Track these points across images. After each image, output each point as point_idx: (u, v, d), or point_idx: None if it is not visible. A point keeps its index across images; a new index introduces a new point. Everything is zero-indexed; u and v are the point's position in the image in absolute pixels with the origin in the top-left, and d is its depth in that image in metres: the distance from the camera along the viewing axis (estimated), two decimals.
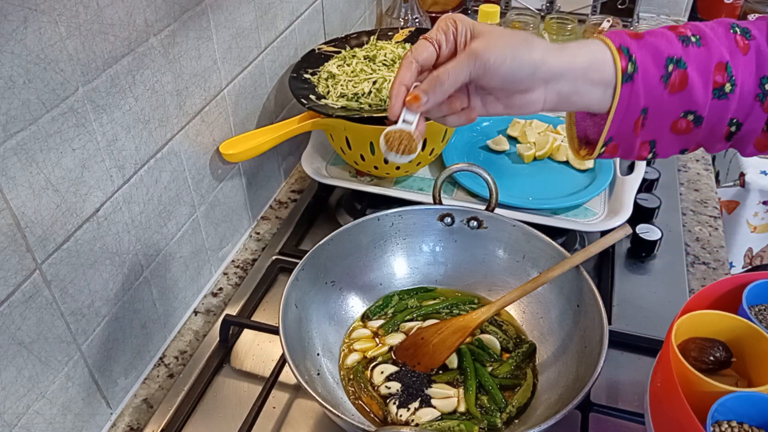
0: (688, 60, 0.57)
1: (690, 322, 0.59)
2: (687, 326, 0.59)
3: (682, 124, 0.59)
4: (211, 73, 0.81)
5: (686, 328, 0.59)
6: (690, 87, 0.57)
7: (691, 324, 0.59)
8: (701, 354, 0.57)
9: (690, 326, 0.59)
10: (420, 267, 0.82)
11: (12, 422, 0.58)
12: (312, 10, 1.07)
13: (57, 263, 0.60)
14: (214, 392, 0.75)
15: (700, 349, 0.57)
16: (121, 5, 0.62)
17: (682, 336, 0.59)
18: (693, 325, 0.59)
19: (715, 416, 0.52)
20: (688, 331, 0.59)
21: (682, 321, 0.58)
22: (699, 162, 1.13)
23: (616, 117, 0.59)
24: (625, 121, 0.59)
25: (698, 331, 0.59)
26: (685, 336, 0.59)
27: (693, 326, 0.59)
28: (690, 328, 0.59)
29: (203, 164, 0.83)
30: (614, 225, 0.85)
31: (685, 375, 0.54)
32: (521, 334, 0.76)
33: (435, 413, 0.67)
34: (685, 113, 0.59)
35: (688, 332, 0.59)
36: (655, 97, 0.58)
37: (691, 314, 0.59)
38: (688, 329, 0.59)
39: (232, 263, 0.94)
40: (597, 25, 1.30)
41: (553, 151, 1.03)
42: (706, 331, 0.59)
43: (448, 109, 0.60)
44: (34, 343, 0.59)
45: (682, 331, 0.59)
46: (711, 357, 0.56)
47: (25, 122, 0.54)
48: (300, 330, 0.70)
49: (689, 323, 0.59)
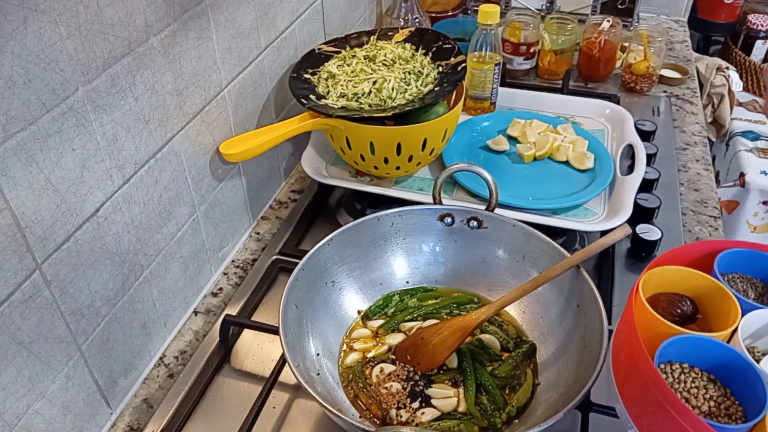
0: None
1: (660, 275, 0.60)
2: (657, 280, 0.60)
3: None
4: (211, 73, 0.81)
5: (656, 282, 0.60)
6: None
7: (661, 278, 0.60)
8: (669, 306, 0.59)
9: (660, 280, 0.60)
10: (420, 267, 0.82)
11: (12, 422, 0.58)
12: (312, 10, 1.07)
13: (57, 263, 0.60)
14: (214, 392, 0.75)
15: (668, 302, 0.59)
16: (121, 5, 0.62)
17: (652, 290, 0.60)
18: (663, 280, 0.60)
19: (665, 355, 0.54)
20: (658, 285, 0.60)
21: (653, 272, 0.59)
22: (699, 162, 1.13)
23: None
24: None
25: (668, 285, 0.61)
26: (655, 290, 0.61)
27: (663, 281, 0.60)
28: (660, 282, 0.60)
29: (203, 164, 0.83)
30: (614, 225, 0.85)
31: (644, 317, 0.56)
32: (521, 334, 0.76)
33: (435, 413, 0.67)
34: None
35: (657, 286, 0.61)
36: None
37: (662, 268, 0.60)
38: (658, 282, 0.60)
39: (232, 263, 0.94)
40: (597, 25, 1.30)
41: (553, 151, 1.03)
42: (675, 286, 0.61)
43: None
44: (34, 343, 0.59)
45: (652, 285, 0.60)
46: (678, 309, 0.58)
47: (25, 122, 0.54)
48: (300, 330, 0.70)
49: (659, 276, 0.60)
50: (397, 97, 0.91)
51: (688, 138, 1.19)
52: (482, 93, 1.12)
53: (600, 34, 1.28)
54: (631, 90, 1.31)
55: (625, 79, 1.31)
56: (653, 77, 1.29)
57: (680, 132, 1.20)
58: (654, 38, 1.27)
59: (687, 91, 1.33)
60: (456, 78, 0.93)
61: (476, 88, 1.12)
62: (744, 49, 1.96)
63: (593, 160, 1.00)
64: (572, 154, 1.01)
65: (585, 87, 1.33)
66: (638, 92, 1.31)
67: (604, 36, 1.28)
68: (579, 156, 1.00)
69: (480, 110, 1.14)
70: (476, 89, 1.12)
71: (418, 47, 1.02)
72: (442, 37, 1.02)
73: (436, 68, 0.97)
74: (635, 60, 1.28)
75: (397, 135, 0.89)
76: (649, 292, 0.60)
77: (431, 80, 0.95)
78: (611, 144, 1.07)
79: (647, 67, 1.27)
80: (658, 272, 0.60)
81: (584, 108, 1.15)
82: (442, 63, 0.98)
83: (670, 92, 1.33)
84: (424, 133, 0.90)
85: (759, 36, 1.92)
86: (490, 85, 1.11)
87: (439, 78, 0.95)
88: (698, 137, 1.19)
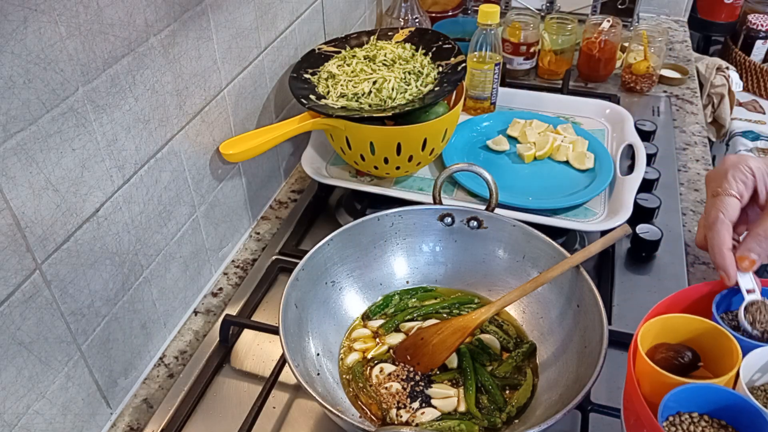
0: None
1: (658, 325, 0.60)
2: (656, 329, 0.60)
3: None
4: (211, 73, 0.81)
5: (656, 332, 0.60)
6: None
7: (659, 327, 0.60)
8: (668, 357, 0.58)
9: (659, 329, 0.60)
10: (420, 267, 0.82)
11: (12, 422, 0.58)
12: (312, 10, 1.07)
13: (57, 263, 0.60)
14: (214, 392, 0.75)
15: (667, 353, 0.58)
16: (121, 5, 0.62)
17: (652, 341, 0.60)
18: (661, 328, 0.60)
19: (670, 408, 0.54)
20: (657, 335, 0.60)
21: (650, 324, 0.59)
22: (699, 162, 1.13)
23: None
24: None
25: (666, 334, 0.60)
26: (655, 341, 0.60)
27: (661, 329, 0.60)
28: (659, 331, 0.60)
29: (203, 164, 0.83)
30: (614, 225, 0.85)
31: (645, 370, 0.56)
32: (521, 334, 0.76)
33: (435, 413, 0.67)
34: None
35: (656, 336, 0.60)
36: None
37: (659, 318, 0.60)
38: (657, 333, 0.60)
39: (232, 263, 0.94)
40: (597, 25, 1.30)
41: (553, 151, 1.03)
42: (674, 334, 0.60)
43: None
44: (34, 343, 0.59)
45: (651, 335, 0.60)
46: (678, 360, 0.58)
47: (25, 122, 0.54)
48: (300, 330, 0.70)
49: (658, 326, 0.60)
50: (397, 97, 0.91)
51: (688, 138, 1.19)
52: (482, 93, 1.12)
53: (600, 34, 1.28)
54: (631, 90, 1.31)
55: (625, 79, 1.31)
56: (653, 77, 1.29)
57: (680, 132, 1.20)
58: (654, 38, 1.27)
59: (687, 91, 1.33)
60: (456, 78, 0.93)
61: (476, 88, 1.12)
62: (744, 49, 1.96)
63: (593, 160, 1.00)
64: (572, 154, 1.01)
65: (585, 87, 1.33)
66: (638, 92, 1.31)
67: (604, 36, 1.28)
68: (579, 156, 1.00)
69: (480, 110, 1.14)
70: (476, 89, 1.12)
71: (418, 47, 1.02)
72: (442, 37, 1.02)
73: (436, 68, 0.97)
74: (635, 60, 1.28)
75: (397, 135, 0.89)
76: (648, 342, 0.59)
77: (431, 80, 0.95)
78: (611, 144, 1.07)
79: (647, 67, 1.27)
80: (655, 323, 0.59)
81: (584, 108, 1.15)
82: (442, 63, 0.98)
83: (670, 92, 1.33)
84: (424, 133, 0.90)
85: (759, 36, 1.92)
86: (490, 85, 1.11)
87: (439, 78, 0.95)
88: (698, 137, 1.19)
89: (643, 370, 0.56)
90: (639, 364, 0.56)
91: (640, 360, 0.56)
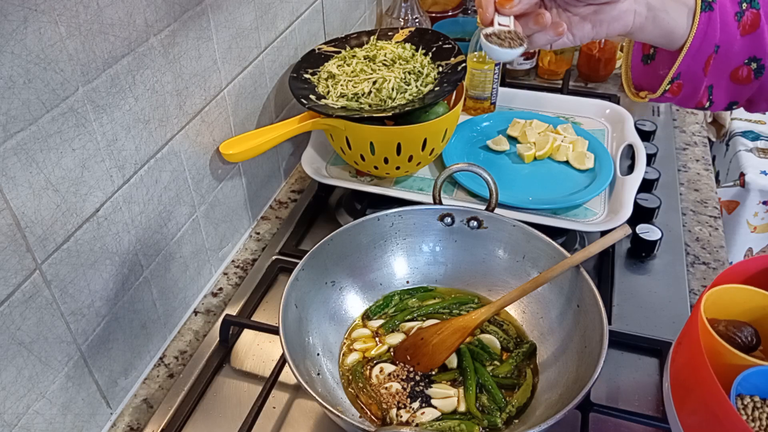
0: (761, 1, 0.59)
1: (719, 295, 0.55)
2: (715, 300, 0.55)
3: (743, 72, 0.61)
4: (211, 73, 0.81)
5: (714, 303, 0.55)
6: (760, 31, 0.59)
7: (719, 298, 0.55)
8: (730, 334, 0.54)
9: (719, 301, 0.55)
10: (420, 267, 0.82)
11: (12, 422, 0.58)
12: (312, 10, 1.07)
13: (57, 263, 0.60)
14: (214, 392, 0.75)
15: (727, 331, 0.54)
16: (121, 5, 0.62)
17: (709, 313, 0.55)
18: (722, 300, 0.55)
19: (738, 389, 0.50)
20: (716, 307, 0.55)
21: (711, 293, 0.55)
22: (699, 162, 1.13)
23: (692, 48, 0.59)
24: (698, 57, 0.60)
25: (727, 306, 0.55)
26: (713, 313, 0.56)
27: (722, 301, 0.55)
28: (719, 303, 0.55)
29: (203, 164, 0.83)
30: (614, 225, 0.85)
31: (712, 347, 0.51)
32: (521, 334, 0.76)
33: (435, 413, 0.67)
34: (749, 60, 0.60)
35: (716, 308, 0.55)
36: (728, 34, 0.59)
37: (721, 287, 0.55)
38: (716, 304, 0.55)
39: (232, 263, 0.94)
40: None
41: (553, 151, 1.03)
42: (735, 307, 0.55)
43: (535, 25, 0.59)
44: (34, 343, 0.59)
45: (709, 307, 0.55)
46: (739, 340, 0.54)
47: (25, 122, 0.54)
48: (300, 330, 0.70)
49: (718, 297, 0.55)
50: (397, 97, 0.91)
51: (688, 138, 1.19)
52: (482, 93, 1.12)
53: None
54: None
55: None
56: None
57: (680, 132, 1.20)
58: None
59: None
60: (456, 78, 0.93)
61: (476, 88, 1.12)
62: None
63: (593, 160, 1.00)
64: (572, 154, 1.01)
65: (585, 87, 1.33)
66: None
67: None
68: (579, 156, 1.00)
69: (480, 110, 1.14)
70: (476, 89, 1.12)
71: (418, 47, 1.02)
72: (442, 37, 1.02)
73: (436, 68, 0.97)
74: None
75: (397, 135, 0.89)
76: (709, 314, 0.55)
77: (431, 80, 0.95)
78: (611, 144, 1.07)
79: None
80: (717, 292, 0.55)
81: (584, 108, 1.15)
82: (442, 63, 0.98)
83: None
84: (424, 133, 0.90)
85: None
86: (490, 85, 1.11)
87: (439, 78, 0.95)
88: (698, 137, 1.19)
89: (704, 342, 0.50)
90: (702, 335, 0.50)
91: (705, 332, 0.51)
